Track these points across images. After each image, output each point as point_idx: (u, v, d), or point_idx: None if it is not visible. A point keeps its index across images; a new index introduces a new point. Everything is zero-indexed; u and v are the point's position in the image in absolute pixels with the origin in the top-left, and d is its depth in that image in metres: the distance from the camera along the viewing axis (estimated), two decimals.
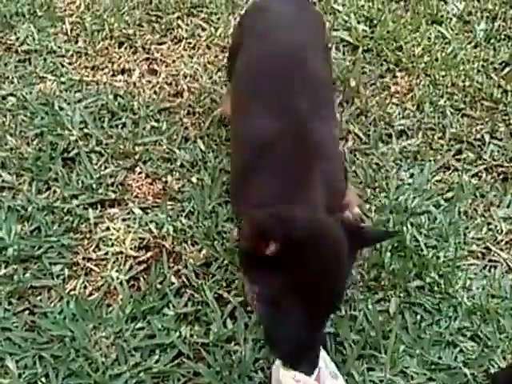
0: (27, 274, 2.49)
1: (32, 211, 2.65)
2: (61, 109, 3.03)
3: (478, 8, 3.80)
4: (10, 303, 2.42)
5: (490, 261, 2.70)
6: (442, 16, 3.72)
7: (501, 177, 2.98)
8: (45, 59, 3.29)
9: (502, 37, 3.65)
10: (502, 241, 2.75)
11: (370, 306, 2.47)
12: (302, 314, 1.92)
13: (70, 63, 3.29)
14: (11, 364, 2.26)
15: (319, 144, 2.23)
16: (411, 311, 2.48)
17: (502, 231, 2.77)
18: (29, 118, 3.00)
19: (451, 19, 3.72)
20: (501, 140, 3.12)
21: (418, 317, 2.47)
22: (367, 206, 2.77)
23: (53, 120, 2.97)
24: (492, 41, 3.61)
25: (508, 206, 2.84)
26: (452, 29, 3.66)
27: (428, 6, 3.76)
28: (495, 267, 2.67)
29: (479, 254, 2.70)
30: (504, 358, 2.39)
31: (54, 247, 2.57)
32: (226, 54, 3.04)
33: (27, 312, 2.40)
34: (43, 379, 2.24)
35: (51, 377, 2.24)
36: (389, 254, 2.60)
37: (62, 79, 3.19)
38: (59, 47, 3.35)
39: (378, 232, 2.45)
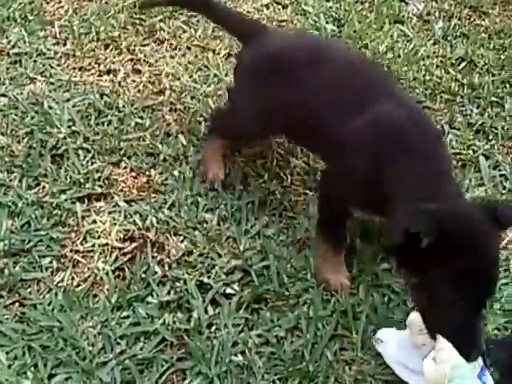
0: (17, 268, 2.34)
1: (22, 206, 2.50)
2: (50, 108, 2.88)
3: (436, 8, 3.67)
4: (0, 296, 2.27)
5: None
6: (403, 16, 3.60)
7: (460, 163, 2.86)
8: (35, 61, 3.13)
9: (458, 34, 3.53)
10: None
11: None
12: (463, 301, 1.87)
13: (58, 65, 3.13)
14: (1, 355, 2.11)
15: (437, 132, 2.29)
16: (380, 293, 2.37)
17: None
18: (19, 117, 2.84)
19: (412, 19, 3.60)
20: (459, 130, 3.00)
21: (386, 298, 2.36)
22: None
23: (42, 119, 2.82)
24: (449, 38, 3.49)
25: (467, 191, 2.72)
26: (413, 28, 3.54)
27: (391, 7, 3.63)
28: None
29: None
30: None
31: (42, 241, 2.43)
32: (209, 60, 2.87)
33: (17, 304, 2.26)
34: (32, 369, 2.10)
35: (40, 366, 2.10)
36: (358, 240, 2.48)
37: (51, 80, 3.04)
38: (48, 49, 3.18)
39: None
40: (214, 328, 2.24)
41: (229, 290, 2.32)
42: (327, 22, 3.49)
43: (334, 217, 2.34)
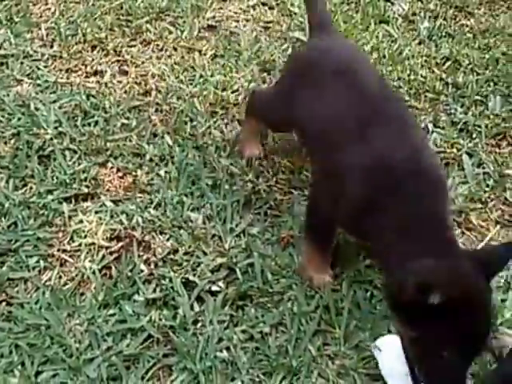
0: (4, 267, 2.38)
1: (9, 207, 2.54)
2: (37, 109, 2.92)
3: (421, 8, 3.73)
4: None
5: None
6: (388, 16, 3.65)
7: (444, 162, 2.89)
8: (21, 63, 3.17)
9: (443, 34, 3.58)
10: None
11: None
12: (460, 357, 1.91)
13: (45, 66, 3.17)
14: None
15: (441, 178, 2.21)
16: (362, 289, 2.41)
17: None
18: (6, 118, 2.89)
19: (397, 19, 3.65)
20: (443, 128, 3.05)
21: (369, 293, 2.40)
22: None
23: (29, 120, 2.87)
24: (434, 38, 3.54)
25: (450, 189, 2.74)
26: (398, 28, 3.59)
27: (376, 7, 3.68)
28: None
29: None
30: None
31: (30, 240, 2.47)
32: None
33: (4, 303, 2.30)
34: (19, 367, 2.14)
35: (27, 364, 2.14)
36: (341, 236, 2.51)
37: (38, 82, 3.08)
38: (35, 51, 3.23)
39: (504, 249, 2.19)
40: (199, 324, 2.28)
41: (214, 288, 2.37)
42: None
43: (322, 225, 2.37)
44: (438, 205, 2.08)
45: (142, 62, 3.25)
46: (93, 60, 3.23)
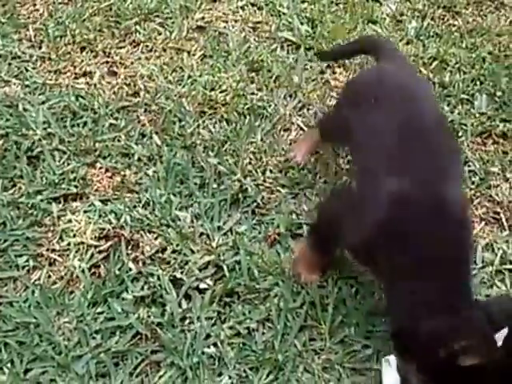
0: None
1: None
2: (25, 110, 2.96)
3: (409, 8, 3.75)
4: None
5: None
6: (377, 16, 3.67)
7: None
8: (9, 64, 3.20)
9: (431, 34, 3.61)
10: None
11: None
12: None
13: (33, 67, 3.20)
14: None
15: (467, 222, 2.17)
16: (348, 285, 2.46)
17: None
18: None
19: (385, 19, 3.67)
20: None
21: (354, 290, 2.45)
22: None
23: (17, 121, 2.90)
24: (422, 38, 3.58)
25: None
26: (386, 28, 3.62)
27: (364, 7, 3.71)
28: None
29: None
30: None
31: (19, 240, 2.51)
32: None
33: None
34: (8, 365, 2.19)
35: (16, 362, 2.19)
36: None
37: (27, 83, 3.11)
38: (23, 52, 3.26)
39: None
40: (187, 321, 2.33)
41: (202, 285, 2.41)
42: (301, 23, 3.56)
43: (328, 238, 2.35)
44: (461, 252, 2.04)
45: (131, 63, 3.28)
46: (82, 61, 3.26)
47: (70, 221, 2.59)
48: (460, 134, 3.04)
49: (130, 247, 2.53)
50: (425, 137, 2.20)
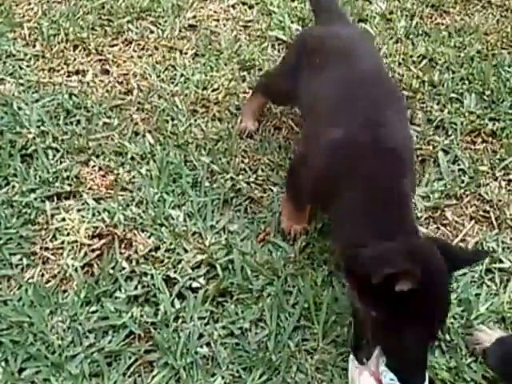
0: None
1: None
2: (19, 108, 2.91)
3: (398, 7, 3.71)
4: None
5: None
6: (367, 15, 3.64)
7: (420, 159, 2.90)
8: (4, 62, 3.16)
9: (420, 32, 3.57)
10: (421, 217, 2.68)
11: (302, 282, 2.41)
12: (418, 334, 1.93)
13: (28, 66, 3.15)
14: None
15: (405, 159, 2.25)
16: (340, 283, 2.41)
17: (421, 208, 2.70)
18: None
19: (375, 17, 3.63)
20: (419, 126, 3.05)
21: (346, 288, 2.38)
22: None
23: (12, 119, 2.85)
24: (411, 36, 3.54)
25: (426, 185, 2.78)
26: (376, 26, 3.57)
27: (355, 6, 3.67)
28: None
29: None
30: None
31: (12, 239, 2.46)
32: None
33: None
34: (3, 364, 2.14)
35: (10, 361, 2.15)
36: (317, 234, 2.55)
37: (21, 81, 3.07)
38: (18, 51, 3.21)
39: (472, 253, 2.34)
40: (180, 321, 2.29)
41: (195, 284, 2.37)
42: (292, 22, 3.52)
43: (297, 188, 2.42)
44: (399, 185, 2.13)
45: (124, 62, 3.24)
46: (75, 59, 3.21)
47: (63, 219, 2.54)
48: (450, 132, 3.01)
49: (123, 246, 2.48)
50: (365, 89, 2.34)
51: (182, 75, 3.17)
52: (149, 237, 2.51)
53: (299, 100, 2.58)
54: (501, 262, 2.55)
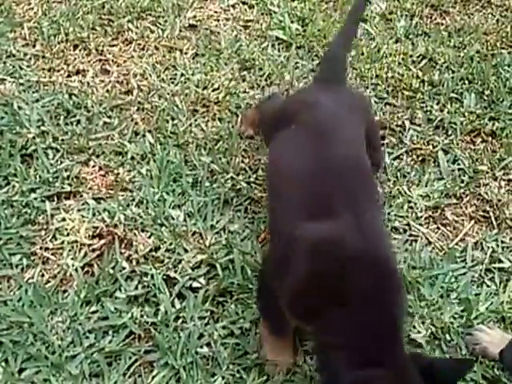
0: None
1: None
2: (19, 108, 2.89)
3: (398, 7, 3.69)
4: None
5: (411, 235, 2.63)
6: (366, 15, 3.60)
7: (420, 159, 2.90)
8: (4, 62, 3.14)
9: (420, 32, 3.56)
10: (421, 217, 2.68)
11: None
12: None
13: (28, 66, 3.14)
14: None
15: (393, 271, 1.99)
16: None
17: (421, 208, 2.69)
18: None
19: (375, 18, 3.62)
20: (419, 125, 3.04)
21: None
22: None
23: (12, 119, 2.84)
24: (411, 36, 3.53)
25: (426, 185, 2.78)
26: (376, 26, 3.56)
27: None
28: (415, 241, 2.60)
29: (401, 230, 2.63)
30: (423, 323, 2.34)
31: (12, 239, 2.45)
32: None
33: None
34: (3, 364, 2.13)
35: (10, 361, 2.14)
36: None
37: (21, 81, 3.05)
38: (18, 51, 3.19)
39: (459, 361, 2.09)
40: (180, 321, 2.27)
41: (195, 284, 2.36)
42: (292, 22, 3.51)
43: (272, 306, 2.10)
44: (389, 304, 1.90)
45: (124, 61, 3.22)
46: (75, 59, 3.19)
47: (63, 219, 2.52)
48: (449, 132, 3.00)
49: (123, 246, 2.47)
50: (340, 179, 2.08)
51: (182, 75, 3.15)
52: (149, 237, 2.49)
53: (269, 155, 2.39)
54: (500, 261, 2.54)
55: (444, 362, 1.99)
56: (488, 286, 2.47)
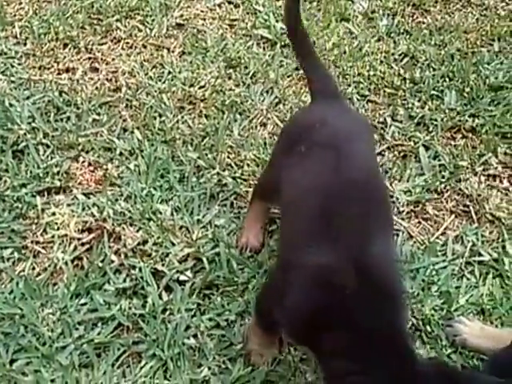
0: None
1: None
2: (11, 105, 2.90)
3: (380, 6, 3.71)
4: None
5: (393, 229, 2.61)
6: (349, 14, 3.62)
7: (401, 154, 2.92)
8: None
9: (401, 31, 3.57)
10: (403, 211, 2.70)
11: None
12: None
13: (19, 64, 3.14)
14: None
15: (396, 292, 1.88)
16: None
17: (402, 203, 2.71)
18: None
19: (357, 17, 3.63)
20: (401, 122, 3.05)
21: None
22: None
23: (3, 116, 2.84)
24: (392, 35, 3.54)
25: (408, 180, 2.79)
26: (358, 25, 3.57)
27: (337, 6, 3.66)
28: (397, 235, 2.61)
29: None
30: None
31: (4, 233, 2.46)
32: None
33: None
34: None
35: (2, 353, 2.15)
36: None
37: (12, 78, 3.05)
38: (9, 49, 3.20)
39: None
40: (167, 313, 2.29)
41: (182, 277, 2.37)
42: (277, 21, 3.51)
43: (267, 318, 2.08)
44: (393, 325, 1.80)
45: (113, 59, 3.22)
46: (65, 57, 3.20)
47: (53, 214, 2.53)
48: (430, 129, 3.02)
49: (112, 240, 2.48)
50: (352, 204, 1.93)
51: (169, 73, 3.16)
52: (137, 231, 2.50)
53: (281, 193, 2.14)
54: (480, 255, 2.56)
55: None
56: (468, 279, 2.49)
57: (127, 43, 3.32)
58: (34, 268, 2.39)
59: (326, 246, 1.84)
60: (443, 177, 2.84)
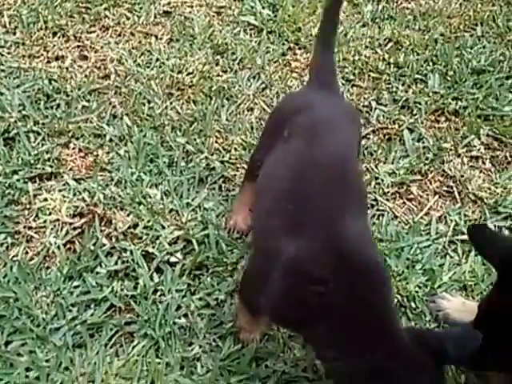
0: None
1: None
2: (1, 94, 2.93)
3: None
4: None
5: (378, 210, 2.68)
6: None
7: (386, 137, 2.96)
8: None
9: (386, 16, 3.60)
10: (387, 192, 2.74)
11: None
12: None
13: (8, 53, 3.16)
14: None
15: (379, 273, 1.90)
16: None
17: (387, 184, 2.75)
18: None
19: (343, 3, 3.61)
20: (385, 106, 3.09)
21: None
22: None
23: None
24: (377, 20, 3.57)
25: (392, 162, 2.83)
26: (343, 11, 3.57)
27: None
28: (382, 215, 2.65)
29: (369, 205, 2.65)
30: None
31: None
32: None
33: None
34: None
35: None
36: None
37: (2, 67, 3.07)
38: None
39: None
40: (158, 294, 2.33)
41: (172, 259, 2.41)
42: (263, 7, 3.53)
43: (251, 300, 2.10)
44: (379, 303, 1.84)
45: (101, 47, 3.24)
46: (54, 46, 3.22)
47: (45, 199, 2.56)
48: (414, 112, 3.05)
49: (103, 224, 2.51)
50: (326, 188, 1.95)
51: (157, 60, 3.18)
52: (128, 215, 2.53)
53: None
54: (463, 234, 2.59)
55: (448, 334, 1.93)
56: (451, 257, 2.53)
57: (115, 31, 3.34)
58: (27, 252, 2.42)
59: (299, 234, 1.86)
60: (427, 158, 2.87)
